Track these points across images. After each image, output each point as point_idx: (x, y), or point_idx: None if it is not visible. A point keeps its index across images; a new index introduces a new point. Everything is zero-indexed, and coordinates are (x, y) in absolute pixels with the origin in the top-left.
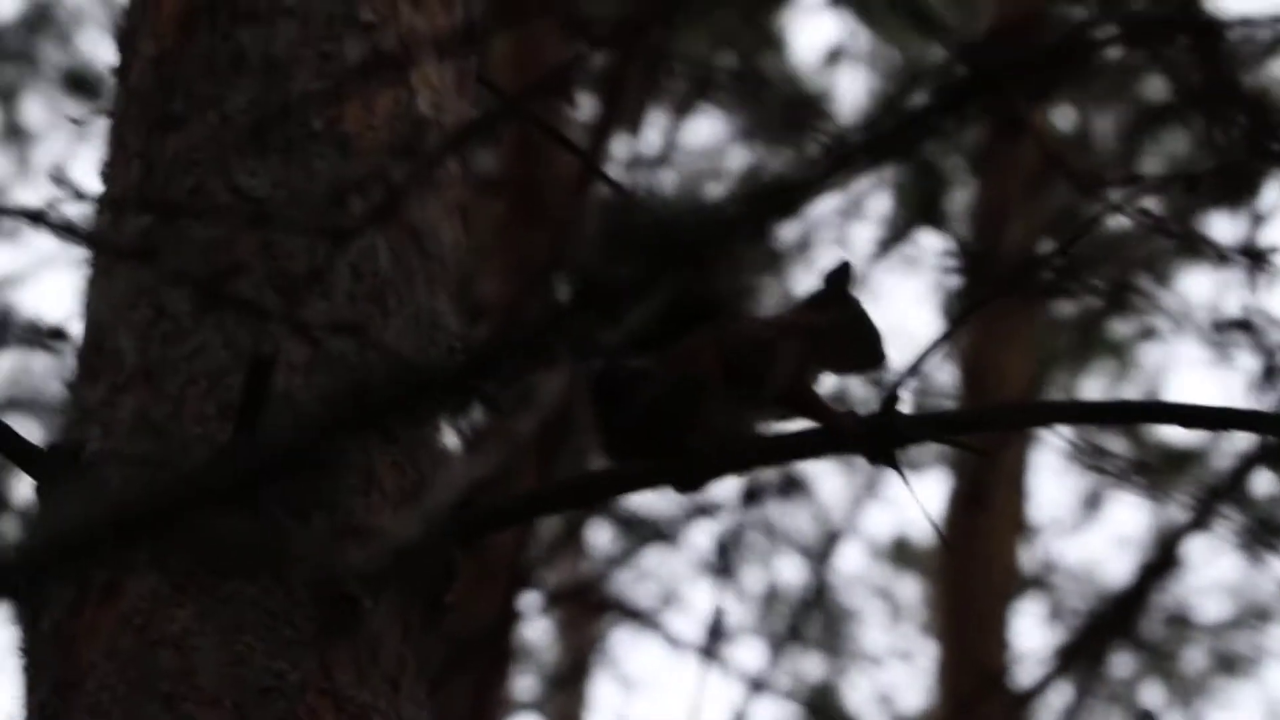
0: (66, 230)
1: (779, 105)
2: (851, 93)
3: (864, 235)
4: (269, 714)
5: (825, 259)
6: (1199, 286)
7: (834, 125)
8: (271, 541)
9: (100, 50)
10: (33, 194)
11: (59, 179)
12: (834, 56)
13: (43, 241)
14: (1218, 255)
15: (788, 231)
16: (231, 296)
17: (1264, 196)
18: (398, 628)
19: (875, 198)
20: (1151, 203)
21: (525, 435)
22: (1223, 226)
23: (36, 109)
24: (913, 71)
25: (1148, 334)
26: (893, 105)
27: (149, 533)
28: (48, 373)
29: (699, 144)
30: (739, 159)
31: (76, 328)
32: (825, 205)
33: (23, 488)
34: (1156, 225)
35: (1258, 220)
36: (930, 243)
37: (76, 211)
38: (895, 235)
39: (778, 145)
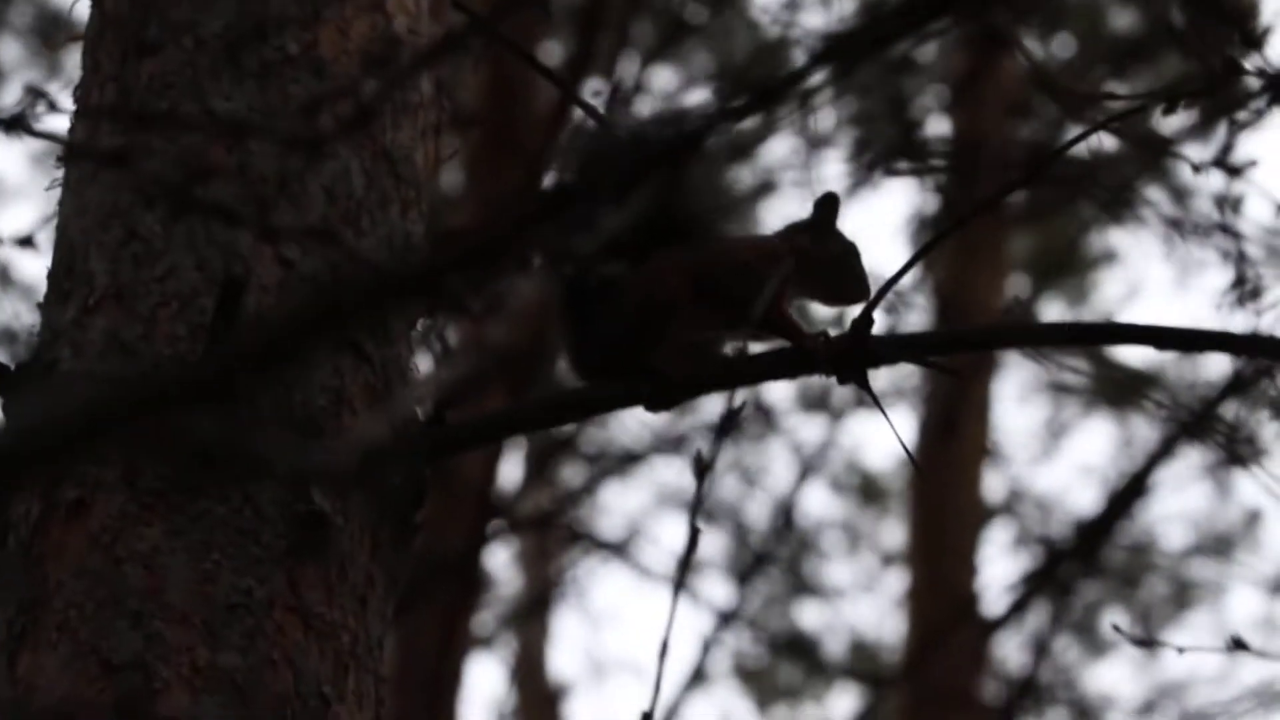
0: (42, 135)
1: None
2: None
3: (832, 171)
4: (237, 631)
5: (791, 201)
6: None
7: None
8: (239, 444)
9: None
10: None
11: (34, 90)
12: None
13: (8, 167)
14: (1193, 169)
15: (756, 173)
16: (203, 202)
17: (1241, 114)
18: (366, 546)
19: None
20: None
21: (495, 342)
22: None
23: (7, 49)
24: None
25: (1111, 258)
26: (870, 13)
27: (115, 431)
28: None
29: (667, 90)
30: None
31: (46, 249)
32: (789, 145)
33: None
34: (1136, 141)
35: (1233, 131)
36: (903, 169)
37: (52, 124)
38: (871, 163)
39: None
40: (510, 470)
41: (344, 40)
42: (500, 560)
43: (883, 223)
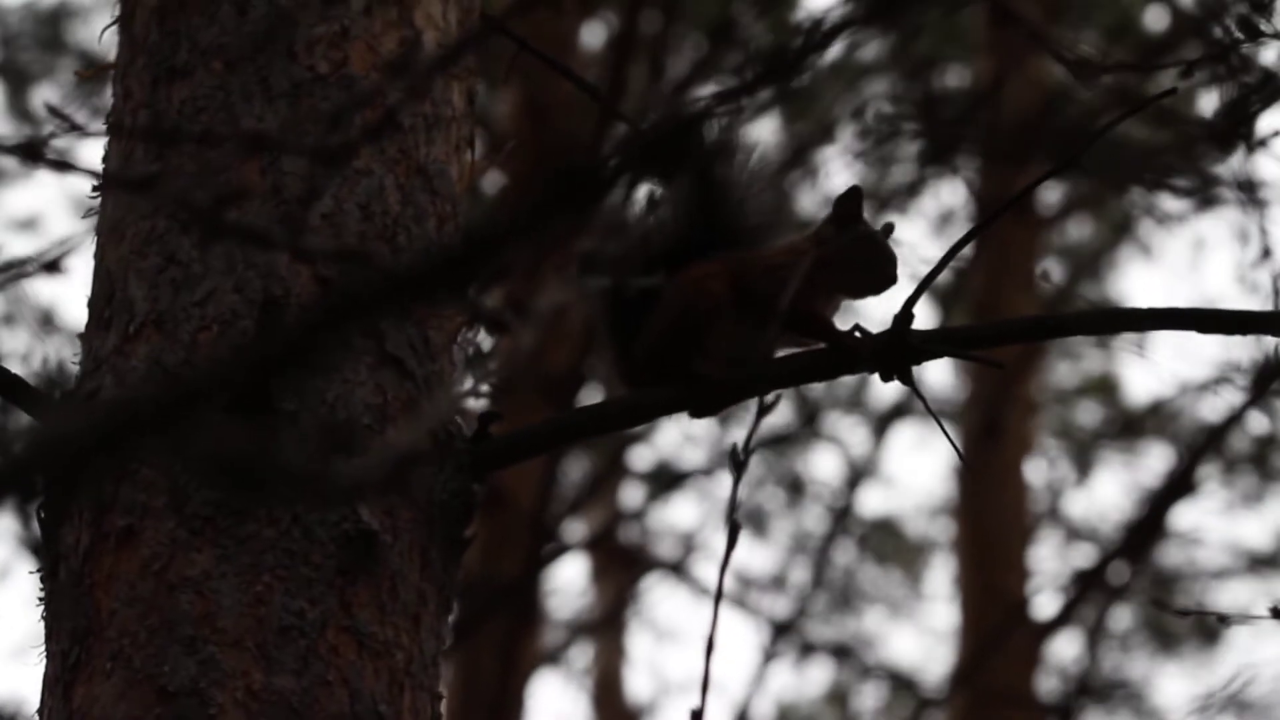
0: (62, 165)
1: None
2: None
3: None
4: (290, 653)
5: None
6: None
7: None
8: (271, 454)
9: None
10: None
11: (55, 112)
12: None
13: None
14: (1214, 137)
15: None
16: (235, 225)
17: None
18: (417, 563)
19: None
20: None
21: (526, 348)
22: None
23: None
24: None
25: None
26: None
27: (150, 434)
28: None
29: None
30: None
31: (85, 277)
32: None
33: None
34: (1151, 110)
35: (1247, 99)
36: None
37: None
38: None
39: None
40: (565, 492)
41: (374, 57)
42: (562, 581)
43: (919, 222)
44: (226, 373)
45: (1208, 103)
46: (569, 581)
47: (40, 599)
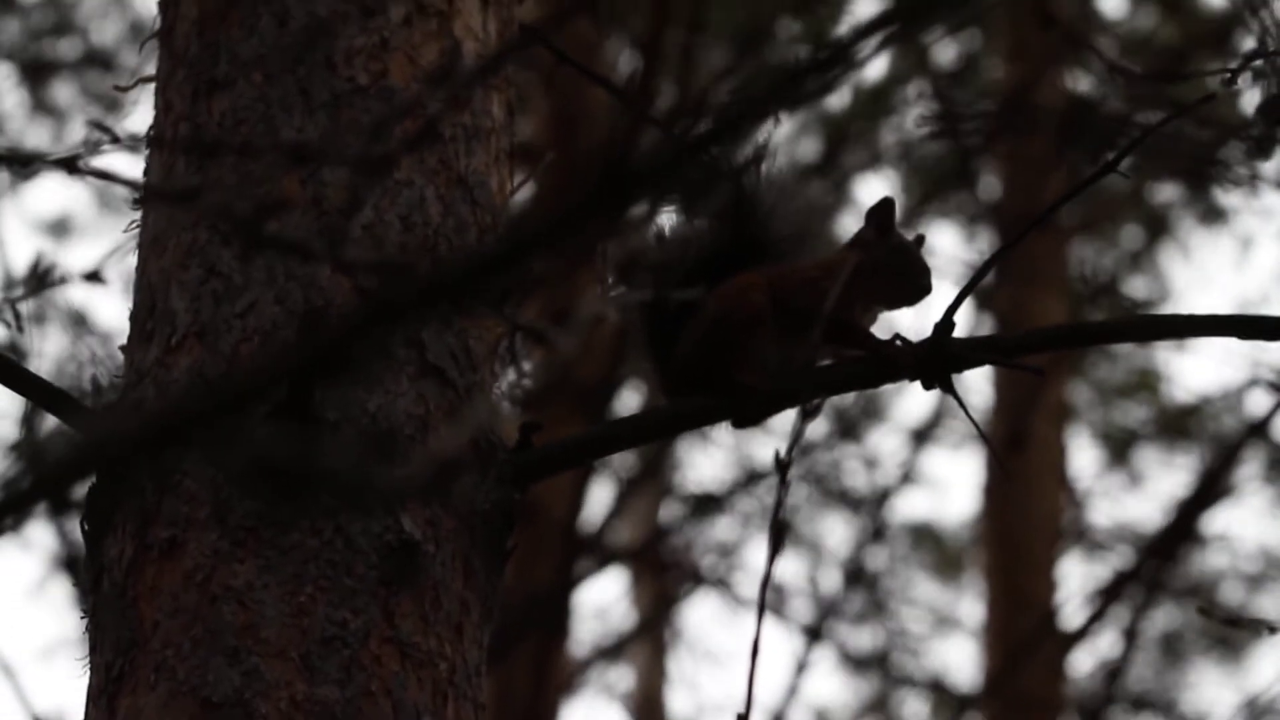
0: (103, 176)
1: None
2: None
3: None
4: (334, 663)
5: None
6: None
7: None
8: (313, 460)
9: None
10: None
11: (96, 125)
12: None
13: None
14: (1252, 140)
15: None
16: (275, 238)
17: None
18: (459, 572)
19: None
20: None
21: (567, 354)
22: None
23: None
24: None
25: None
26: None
27: (193, 437)
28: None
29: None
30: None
31: (116, 287)
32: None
33: None
34: (1191, 116)
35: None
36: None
37: (114, 159)
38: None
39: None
40: (598, 505)
41: (414, 68)
42: (597, 595)
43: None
44: (267, 379)
45: (1247, 104)
46: (605, 594)
47: (84, 611)
